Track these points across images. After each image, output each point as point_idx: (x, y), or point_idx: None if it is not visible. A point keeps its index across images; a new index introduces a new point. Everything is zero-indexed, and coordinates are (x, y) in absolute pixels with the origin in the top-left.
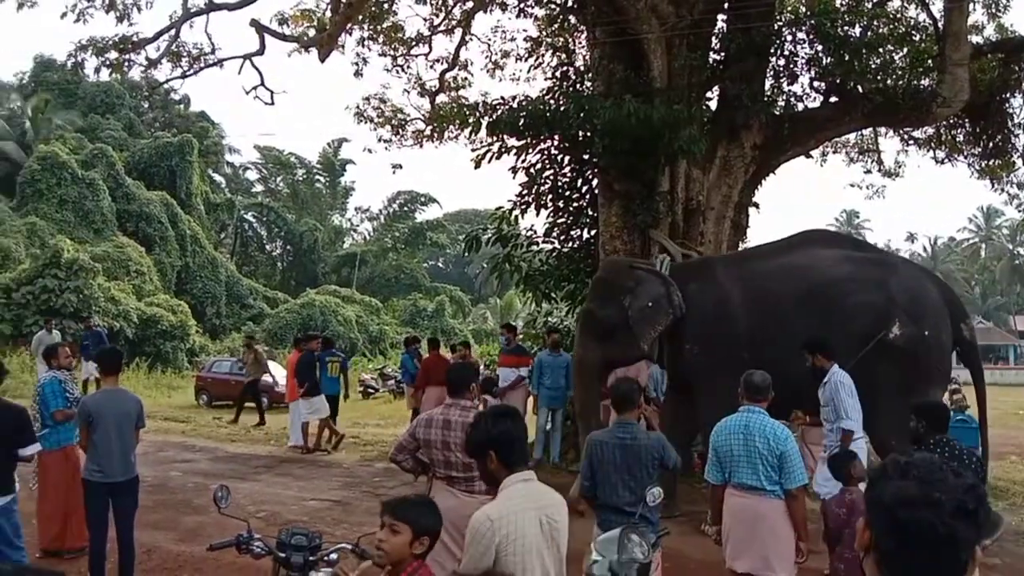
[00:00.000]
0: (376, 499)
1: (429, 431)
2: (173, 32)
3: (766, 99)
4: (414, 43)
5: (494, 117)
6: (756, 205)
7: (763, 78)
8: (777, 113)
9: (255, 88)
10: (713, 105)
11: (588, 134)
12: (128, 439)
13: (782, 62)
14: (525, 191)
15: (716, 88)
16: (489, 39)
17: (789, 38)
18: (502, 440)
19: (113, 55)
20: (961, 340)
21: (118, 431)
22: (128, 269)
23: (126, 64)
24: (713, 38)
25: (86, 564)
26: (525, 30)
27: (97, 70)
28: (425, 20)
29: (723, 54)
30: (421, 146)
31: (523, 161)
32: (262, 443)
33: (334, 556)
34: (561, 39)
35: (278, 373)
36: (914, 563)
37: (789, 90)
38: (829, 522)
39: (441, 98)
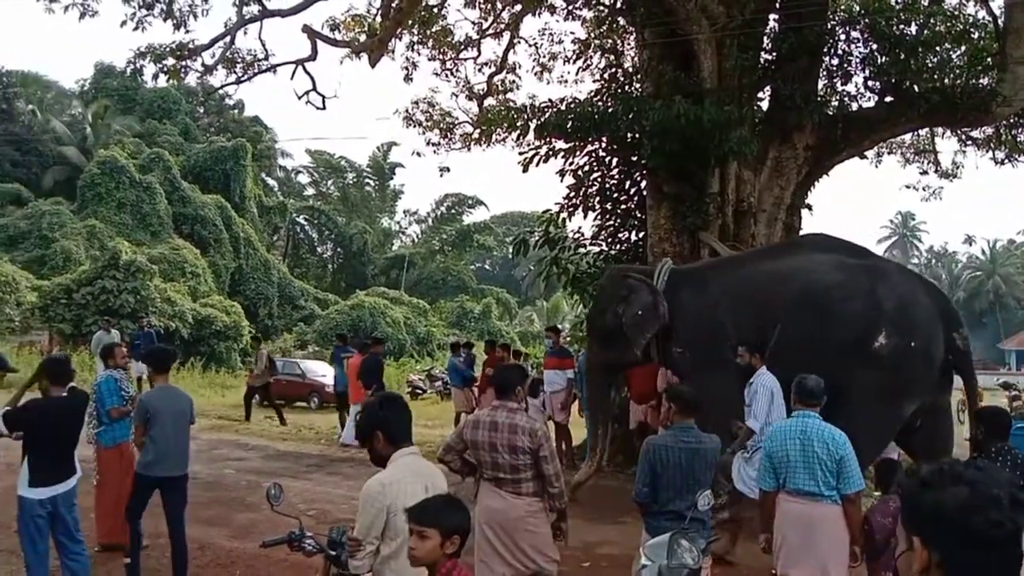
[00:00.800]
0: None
1: (476, 432)
2: (228, 39)
3: (819, 99)
4: (463, 47)
5: (542, 120)
6: (809, 207)
7: (816, 78)
8: (830, 113)
9: (307, 93)
10: (765, 106)
11: (637, 136)
12: (184, 434)
13: (835, 61)
14: (573, 193)
15: (768, 88)
16: (537, 42)
17: (843, 37)
18: (389, 421)
19: (170, 61)
20: (954, 349)
21: (174, 427)
22: (183, 271)
23: (183, 70)
24: (765, 38)
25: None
26: (573, 32)
27: (155, 76)
28: (474, 24)
29: (775, 54)
30: (469, 149)
31: (571, 164)
32: (312, 442)
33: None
34: (609, 41)
35: (328, 373)
36: (989, 567)
37: (843, 90)
38: (875, 532)
39: (489, 101)
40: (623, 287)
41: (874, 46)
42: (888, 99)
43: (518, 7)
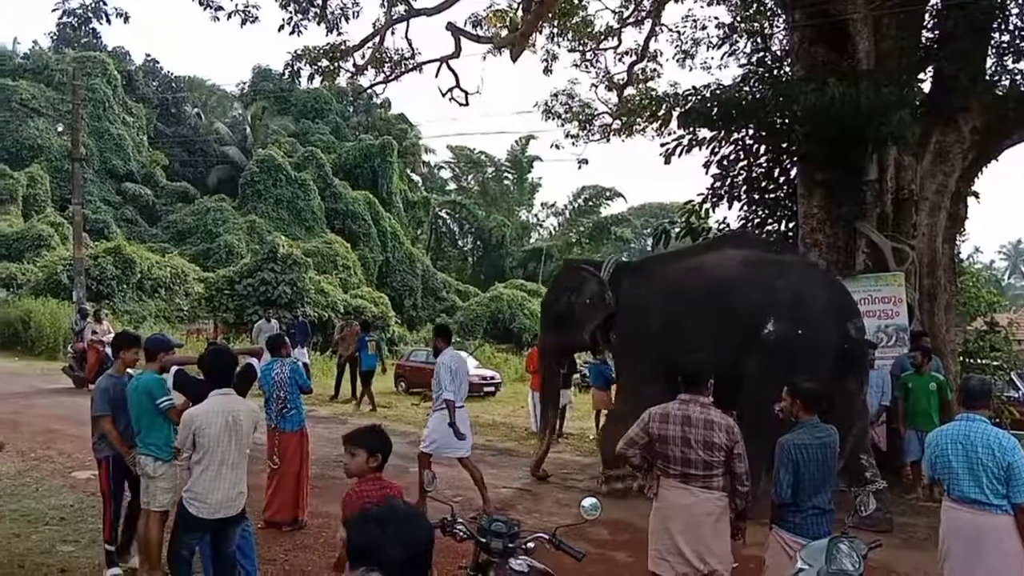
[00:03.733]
0: (566, 491)
1: (666, 427)
2: (377, 39)
3: (987, 79)
4: (603, 37)
5: (686, 108)
6: (975, 195)
7: (983, 56)
8: (1000, 94)
9: (450, 90)
10: (926, 87)
11: (787, 122)
12: None
13: (1006, 38)
14: (718, 183)
15: (930, 69)
16: (679, 28)
17: (1015, 11)
18: (211, 366)
19: (324, 63)
20: (848, 338)
21: None
22: (335, 263)
23: (336, 71)
24: (926, 15)
25: (302, 536)
26: (717, 17)
27: (310, 77)
28: (614, 13)
29: (937, 32)
30: (608, 140)
31: (716, 152)
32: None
33: (531, 544)
34: (756, 24)
35: (471, 364)
36: None
37: (1014, 68)
38: None
39: (629, 91)
40: (575, 277)
41: None
42: None
43: None
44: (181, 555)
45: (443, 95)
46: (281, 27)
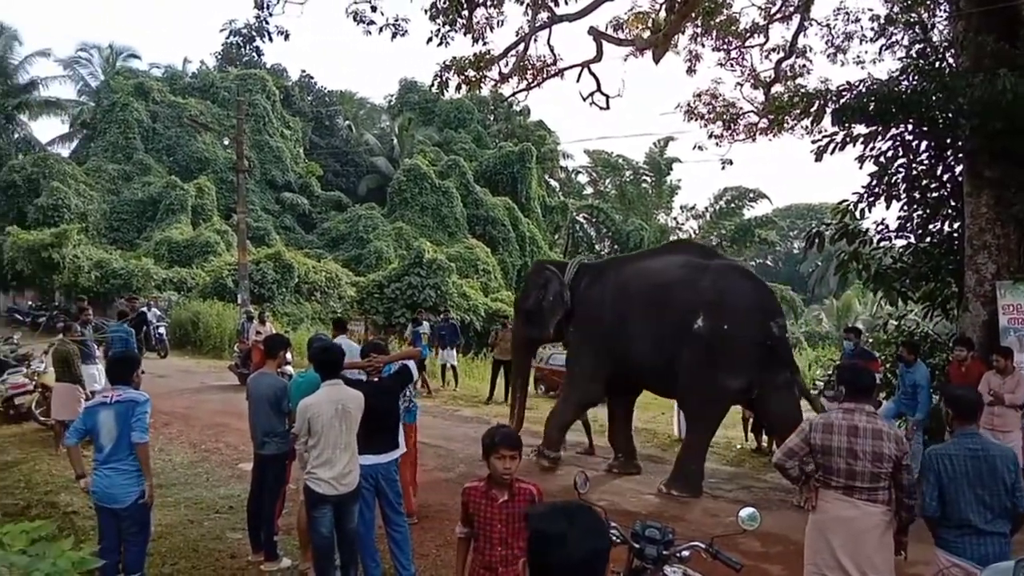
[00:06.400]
0: (714, 500)
1: (830, 437)
2: (521, 47)
3: None
4: (749, 34)
5: (839, 104)
6: None
7: None
8: None
9: (591, 95)
10: None
11: (951, 115)
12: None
13: None
14: (874, 181)
15: None
16: (830, 22)
17: None
18: (319, 361)
19: (470, 73)
20: (770, 335)
21: None
22: (476, 268)
23: (481, 80)
24: None
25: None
26: (871, 9)
27: (458, 87)
28: (761, 9)
29: None
30: (754, 140)
31: (872, 149)
32: (598, 433)
33: (686, 553)
34: (915, 14)
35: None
36: None
37: None
38: None
39: (777, 88)
40: (542, 276)
41: None
42: None
43: None
44: (319, 531)
45: (584, 99)
46: (429, 39)
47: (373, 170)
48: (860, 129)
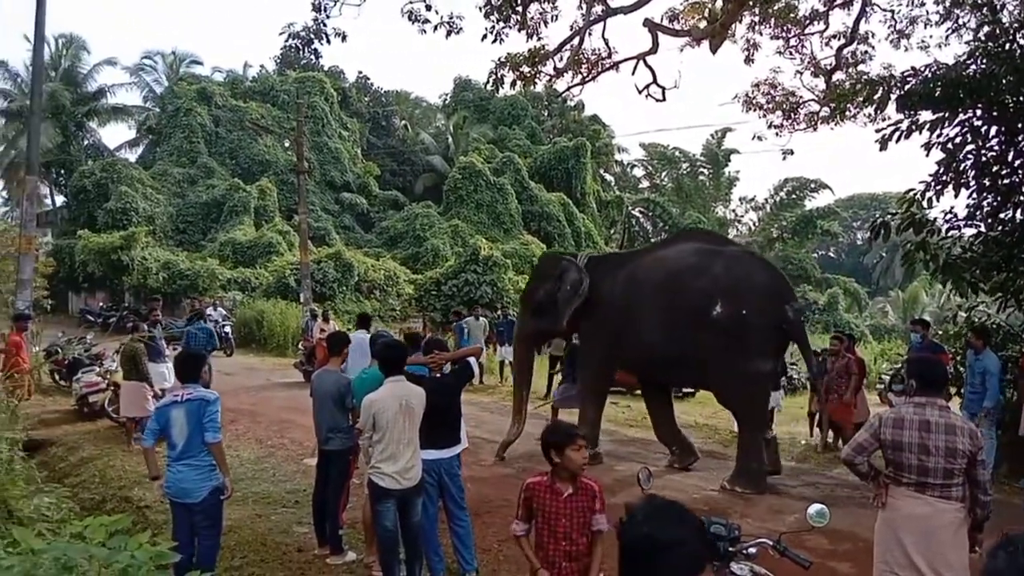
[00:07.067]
0: (779, 497)
1: (901, 432)
2: (576, 41)
3: None
4: (808, 21)
5: (904, 90)
6: None
7: None
8: None
9: (647, 87)
10: None
11: (1021, 99)
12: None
13: None
14: (941, 169)
15: None
16: (893, 7)
17: None
18: (383, 358)
19: (525, 69)
20: (785, 319)
21: None
22: (532, 264)
23: (536, 75)
24: None
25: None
26: None
27: (512, 84)
28: None
29: None
30: (815, 129)
31: (939, 136)
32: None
33: (753, 550)
34: None
35: None
36: None
37: None
38: None
39: (838, 76)
40: (557, 267)
41: None
42: None
43: None
44: (384, 525)
45: (639, 92)
46: (484, 36)
47: (429, 169)
48: (926, 115)
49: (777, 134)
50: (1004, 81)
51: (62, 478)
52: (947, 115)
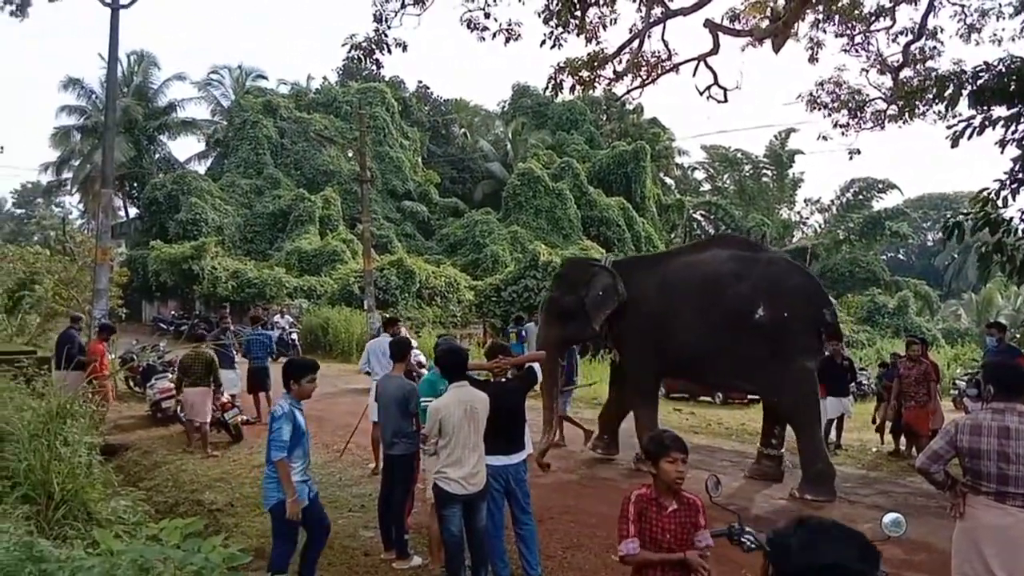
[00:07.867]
0: (851, 506)
1: (978, 440)
2: (635, 44)
3: None
4: (874, 18)
5: (976, 86)
6: None
7: None
8: None
9: (708, 88)
10: None
11: None
12: None
13: None
14: (1017, 166)
15: None
16: (963, 1)
17: None
18: (444, 365)
19: (584, 73)
20: (823, 322)
21: None
22: None
23: (595, 80)
24: None
25: (578, 534)
26: None
27: (572, 89)
28: None
29: None
30: (883, 128)
31: (1014, 132)
32: (723, 437)
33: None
34: None
35: None
36: None
37: None
38: None
39: (906, 73)
40: (586, 272)
41: None
42: None
43: None
44: (450, 530)
45: (700, 94)
46: (543, 42)
47: (488, 176)
48: (1000, 111)
49: (843, 133)
50: None
51: (137, 482)
52: (1022, 111)
